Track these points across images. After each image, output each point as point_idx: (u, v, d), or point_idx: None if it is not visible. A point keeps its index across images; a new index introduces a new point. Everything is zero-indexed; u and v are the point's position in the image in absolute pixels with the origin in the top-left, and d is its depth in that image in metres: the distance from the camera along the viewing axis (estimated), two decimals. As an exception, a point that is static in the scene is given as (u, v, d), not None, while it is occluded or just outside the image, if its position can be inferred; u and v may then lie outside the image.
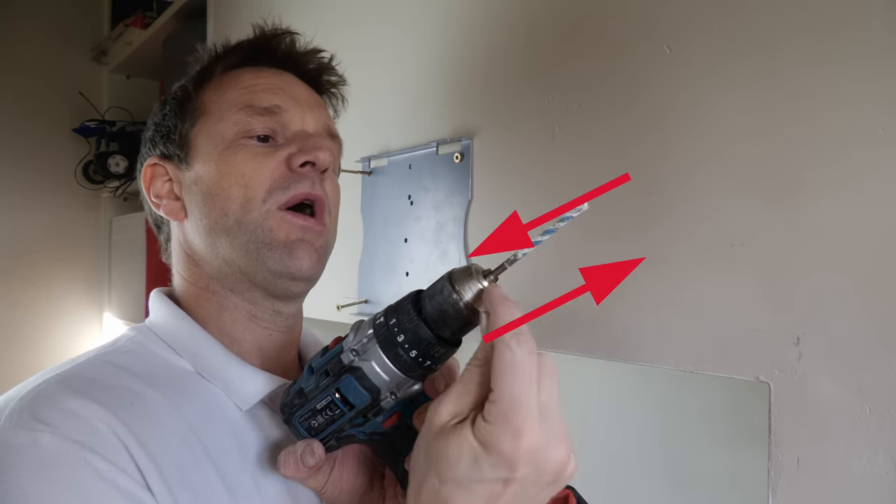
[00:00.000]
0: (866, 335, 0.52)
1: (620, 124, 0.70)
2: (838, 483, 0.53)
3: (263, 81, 0.65)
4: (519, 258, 0.45)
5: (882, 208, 0.51)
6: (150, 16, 2.07)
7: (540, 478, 0.40)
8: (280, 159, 0.62)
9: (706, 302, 0.62)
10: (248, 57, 0.68)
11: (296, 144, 0.62)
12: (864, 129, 0.52)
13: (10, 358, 2.19)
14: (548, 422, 0.40)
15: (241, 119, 0.62)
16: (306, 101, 0.66)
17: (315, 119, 0.66)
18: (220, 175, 0.62)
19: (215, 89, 0.66)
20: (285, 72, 0.68)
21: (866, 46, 0.52)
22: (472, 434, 0.40)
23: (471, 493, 0.40)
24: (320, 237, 0.63)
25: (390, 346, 0.46)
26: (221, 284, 0.63)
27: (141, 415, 0.53)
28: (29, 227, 2.28)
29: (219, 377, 0.60)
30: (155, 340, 0.62)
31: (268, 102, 0.63)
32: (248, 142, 0.62)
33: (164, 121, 0.68)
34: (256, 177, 0.61)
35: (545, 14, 0.78)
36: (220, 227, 0.61)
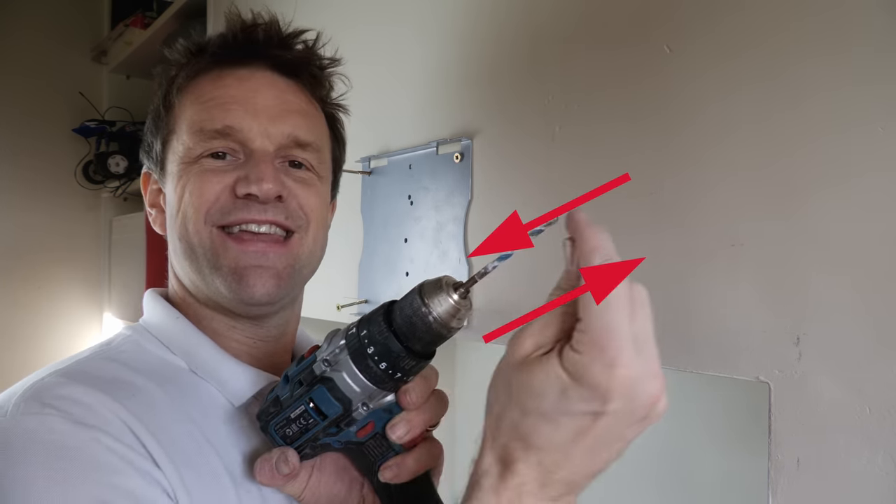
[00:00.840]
0: (866, 335, 0.51)
1: (620, 124, 0.70)
2: (838, 483, 0.52)
3: (221, 94, 0.61)
4: (489, 271, 0.44)
5: (882, 208, 0.51)
6: (150, 16, 2.07)
7: (632, 413, 0.37)
8: (227, 183, 0.59)
9: (706, 302, 0.61)
10: (217, 58, 0.63)
11: (245, 169, 0.59)
12: (865, 129, 0.52)
13: (10, 358, 2.19)
14: (642, 353, 0.38)
15: (193, 144, 0.60)
16: (270, 110, 0.61)
17: (279, 131, 0.61)
18: (175, 197, 0.61)
19: (179, 103, 0.63)
20: (257, 69, 0.63)
21: (866, 46, 0.52)
22: (560, 364, 0.37)
23: (556, 426, 0.37)
24: (282, 257, 0.60)
25: (361, 358, 0.46)
26: (196, 300, 0.64)
27: (143, 404, 0.54)
28: (29, 227, 2.28)
29: (211, 374, 0.60)
30: (149, 339, 0.62)
31: (219, 124, 0.59)
32: (203, 161, 0.60)
33: (147, 135, 0.67)
34: (199, 197, 0.59)
35: (545, 14, 0.78)
36: (181, 249, 0.61)
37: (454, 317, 0.45)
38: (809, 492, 0.54)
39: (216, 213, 0.59)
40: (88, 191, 2.33)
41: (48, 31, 2.33)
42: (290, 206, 0.61)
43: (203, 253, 0.59)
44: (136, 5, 2.16)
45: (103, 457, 0.48)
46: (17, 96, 2.26)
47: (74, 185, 2.29)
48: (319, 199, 0.64)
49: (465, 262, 0.86)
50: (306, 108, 0.65)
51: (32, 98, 2.29)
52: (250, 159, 0.60)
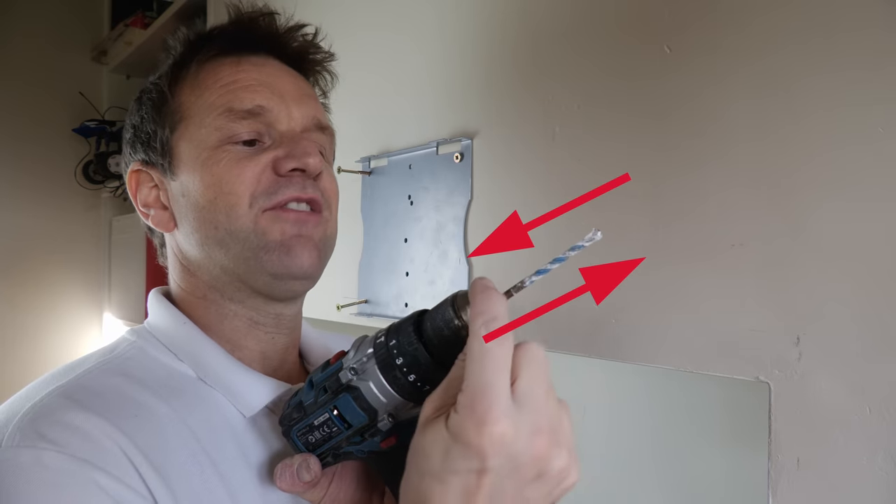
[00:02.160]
0: (866, 335, 0.52)
1: (620, 124, 0.70)
2: (838, 483, 0.52)
3: (243, 77, 0.61)
4: (526, 285, 0.42)
5: (882, 208, 0.51)
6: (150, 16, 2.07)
7: (518, 471, 0.37)
8: (266, 163, 0.58)
9: (706, 302, 0.62)
10: (225, 46, 0.62)
11: (283, 148, 0.59)
12: (864, 129, 0.52)
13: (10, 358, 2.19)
14: (525, 410, 0.37)
15: (222, 125, 0.59)
16: (292, 93, 0.62)
17: (303, 113, 0.62)
18: (204, 186, 0.59)
19: (192, 89, 0.61)
20: (267, 58, 0.63)
21: (866, 46, 0.52)
22: (445, 425, 0.38)
23: (446, 485, 0.38)
24: (318, 228, 0.61)
25: (389, 369, 0.45)
26: (220, 294, 0.62)
27: (145, 427, 0.52)
28: (29, 226, 2.28)
29: (221, 384, 0.59)
30: (155, 345, 0.61)
31: (250, 104, 0.59)
32: (231, 147, 0.59)
33: (143, 124, 0.63)
34: (240, 182, 0.58)
35: (545, 15, 0.78)
36: (212, 239, 0.59)
37: None
38: (809, 492, 0.54)
39: (261, 196, 0.58)
40: (88, 191, 2.33)
41: (48, 32, 2.33)
42: (321, 185, 0.61)
43: (245, 238, 0.58)
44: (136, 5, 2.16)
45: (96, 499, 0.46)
46: (17, 96, 2.26)
47: (74, 185, 2.29)
48: (336, 185, 0.65)
49: (465, 262, 0.87)
50: (315, 95, 0.66)
51: (32, 98, 2.29)
52: (282, 141, 0.59)
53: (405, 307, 0.96)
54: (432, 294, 0.91)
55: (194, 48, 0.63)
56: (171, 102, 0.62)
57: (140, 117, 0.64)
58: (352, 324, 1.08)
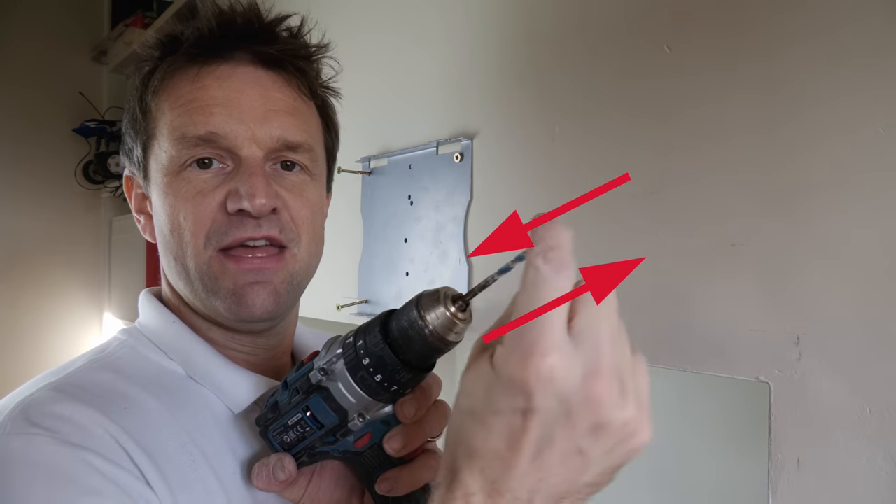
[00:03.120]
0: (866, 335, 0.51)
1: (620, 124, 0.70)
2: (838, 483, 0.52)
3: (201, 95, 0.56)
4: (489, 283, 0.42)
5: (882, 208, 0.51)
6: (150, 16, 2.07)
7: (570, 417, 0.33)
8: (219, 200, 0.55)
9: (706, 302, 0.61)
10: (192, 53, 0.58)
11: (235, 181, 0.55)
12: (865, 129, 0.52)
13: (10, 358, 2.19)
14: (583, 347, 0.33)
15: (177, 152, 0.56)
16: (256, 112, 0.56)
17: (267, 134, 0.56)
18: (165, 215, 0.57)
19: (157, 105, 0.58)
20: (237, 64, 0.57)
21: (866, 47, 0.52)
22: (489, 360, 0.34)
23: (489, 428, 0.34)
24: (280, 271, 0.57)
25: (356, 369, 0.45)
26: (193, 311, 0.61)
27: (136, 419, 0.52)
28: (29, 227, 2.28)
29: (210, 380, 0.59)
30: (146, 344, 0.61)
31: (202, 129, 0.55)
32: (189, 174, 0.56)
33: (125, 136, 0.62)
34: (194, 221, 0.55)
35: (545, 15, 0.78)
36: (175, 269, 0.58)
37: (451, 330, 0.43)
38: (809, 492, 0.54)
39: (214, 236, 0.55)
40: (88, 191, 2.33)
41: (48, 32, 2.33)
42: (283, 219, 0.57)
43: (199, 277, 0.56)
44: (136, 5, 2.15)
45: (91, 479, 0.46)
46: (18, 96, 2.26)
47: (74, 185, 2.29)
48: (311, 207, 0.61)
49: (465, 262, 0.87)
50: (294, 105, 0.60)
51: (32, 98, 2.29)
52: (239, 168, 0.56)
53: (405, 307, 0.96)
54: (432, 294, 0.91)
55: (161, 54, 0.59)
56: (142, 120, 0.59)
57: (124, 129, 0.63)
58: (352, 324, 1.08)
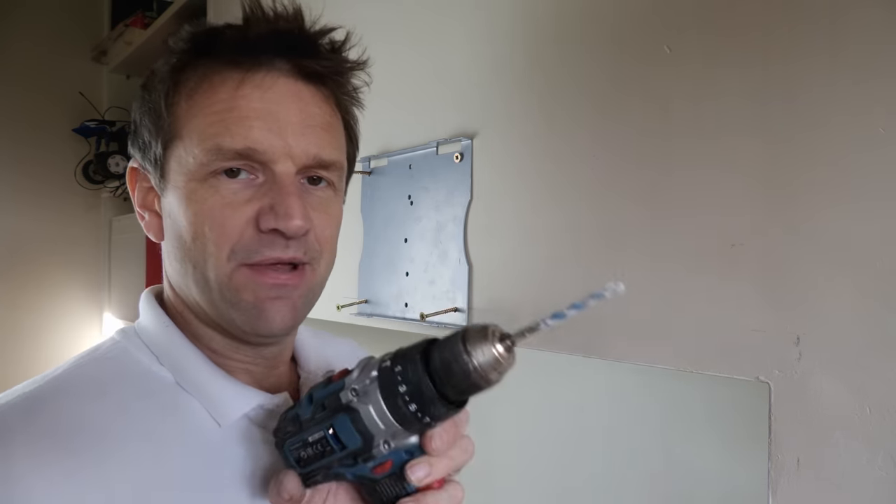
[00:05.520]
0: (866, 335, 0.51)
1: (620, 124, 0.70)
2: (838, 483, 0.52)
3: (242, 105, 0.54)
4: (541, 329, 0.40)
5: (882, 208, 0.51)
6: (150, 16, 2.07)
7: None
8: (250, 216, 0.54)
9: (706, 302, 0.61)
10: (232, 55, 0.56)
11: (270, 197, 0.54)
12: (865, 129, 0.52)
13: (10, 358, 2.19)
14: None
15: (210, 161, 0.54)
16: (295, 125, 0.55)
17: (306, 147, 0.55)
18: (187, 221, 0.55)
19: (188, 107, 0.56)
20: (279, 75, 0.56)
21: (867, 46, 0.52)
22: None
23: None
24: (299, 288, 0.57)
25: (391, 395, 0.44)
26: (197, 317, 0.60)
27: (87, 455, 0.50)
28: (29, 226, 2.28)
29: (199, 390, 0.57)
30: (139, 347, 0.59)
31: (240, 144, 0.53)
32: (218, 182, 0.54)
33: (141, 130, 0.59)
34: (221, 234, 0.54)
35: (545, 14, 0.78)
36: (189, 276, 0.56)
37: (495, 369, 0.41)
38: (809, 492, 0.54)
39: (241, 252, 0.54)
40: (88, 191, 2.33)
41: (48, 32, 2.33)
42: (309, 239, 0.57)
43: (219, 288, 0.55)
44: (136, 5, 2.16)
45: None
46: (17, 96, 2.26)
47: (74, 184, 2.29)
48: (334, 224, 0.61)
49: (465, 262, 0.87)
50: (329, 121, 0.59)
51: (33, 98, 2.29)
52: (273, 183, 0.55)
53: (405, 307, 0.96)
54: (432, 294, 0.91)
55: (196, 51, 0.57)
56: (167, 117, 0.57)
57: (140, 119, 0.60)
58: (352, 324, 1.08)
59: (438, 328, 0.90)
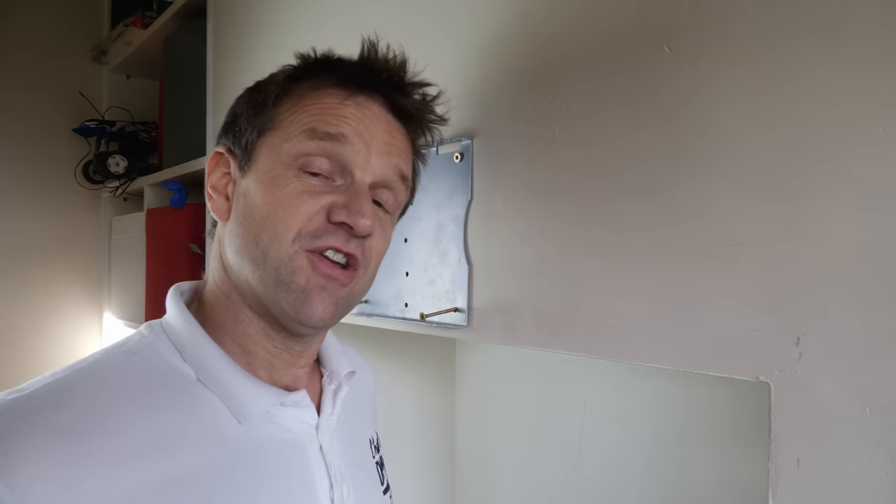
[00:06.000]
0: (866, 335, 0.52)
1: (620, 124, 0.70)
2: (838, 483, 0.53)
3: (340, 109, 0.62)
4: None
5: (882, 208, 0.51)
6: (150, 16, 2.07)
7: None
8: (323, 205, 0.59)
9: (706, 302, 0.62)
10: (342, 79, 0.63)
11: (344, 196, 0.60)
12: (865, 129, 0.52)
13: (10, 358, 2.19)
14: None
15: (301, 141, 0.60)
16: (380, 144, 0.62)
17: (384, 165, 0.62)
18: (264, 202, 0.60)
19: (293, 105, 0.63)
20: (374, 102, 0.64)
21: (866, 46, 0.52)
22: None
23: None
24: (345, 287, 0.61)
25: None
26: (242, 298, 0.63)
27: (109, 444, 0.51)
28: (29, 226, 2.28)
29: (220, 387, 0.59)
30: (165, 342, 0.62)
31: (334, 129, 0.60)
32: (303, 175, 0.60)
33: (240, 119, 0.65)
34: (293, 215, 0.59)
35: (545, 14, 0.78)
36: (248, 252, 0.60)
37: None
38: (809, 492, 0.54)
39: (307, 236, 0.59)
40: (88, 191, 2.33)
41: (48, 31, 2.33)
42: (367, 245, 0.62)
43: (277, 267, 0.59)
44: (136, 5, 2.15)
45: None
46: (17, 96, 2.26)
47: (74, 185, 2.29)
48: (385, 243, 0.66)
49: (465, 262, 0.87)
50: (408, 149, 0.67)
51: (32, 98, 2.28)
52: (350, 187, 0.60)
53: (405, 307, 0.96)
54: (432, 294, 0.91)
55: (314, 69, 0.64)
56: (270, 111, 0.63)
57: (241, 110, 0.65)
58: (352, 324, 1.08)
59: (438, 328, 0.90)
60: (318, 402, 0.69)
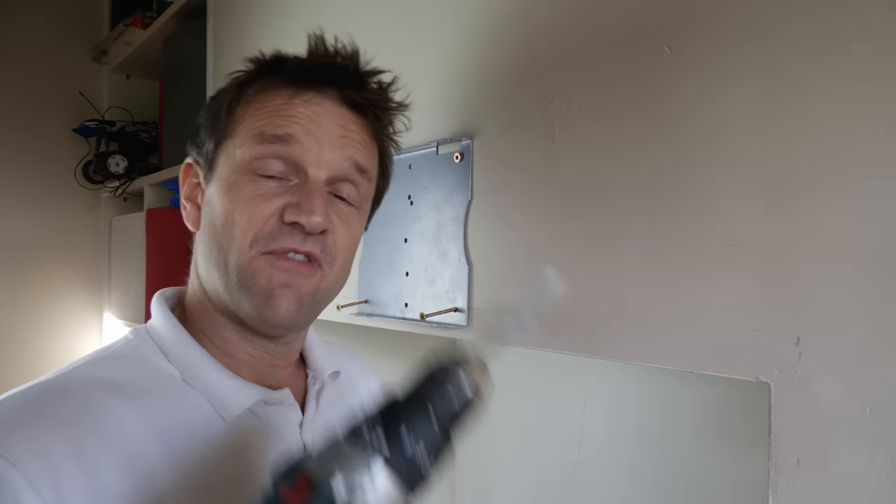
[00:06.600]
0: (866, 335, 0.51)
1: (621, 124, 0.70)
2: (838, 483, 0.52)
3: (288, 108, 0.61)
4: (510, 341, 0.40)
5: (882, 208, 0.51)
6: (150, 16, 2.07)
7: None
8: (276, 207, 0.59)
9: (706, 302, 0.61)
10: (290, 78, 0.63)
11: (297, 195, 0.60)
12: (865, 129, 0.52)
13: (10, 358, 2.19)
14: None
15: (251, 147, 0.60)
16: (332, 137, 0.62)
17: (337, 159, 0.62)
18: (222, 209, 0.61)
19: (244, 111, 0.63)
20: (326, 97, 0.63)
21: (867, 45, 0.52)
22: None
23: None
24: (310, 280, 0.61)
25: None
26: (214, 306, 0.64)
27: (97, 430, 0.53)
28: (29, 226, 2.28)
29: (204, 386, 0.61)
30: (150, 346, 0.63)
31: (281, 131, 0.60)
32: (258, 179, 0.60)
33: (200, 130, 0.66)
34: (248, 219, 0.59)
35: (545, 14, 0.78)
36: (213, 259, 0.62)
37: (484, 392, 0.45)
38: (809, 492, 0.54)
39: (262, 239, 0.59)
40: (88, 191, 2.32)
41: (48, 31, 2.33)
42: (327, 241, 0.62)
43: (237, 272, 0.60)
44: (136, 5, 2.15)
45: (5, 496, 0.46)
46: (17, 96, 2.26)
47: (74, 185, 2.29)
48: (353, 237, 0.66)
49: (465, 262, 0.87)
50: (367, 141, 0.66)
51: (32, 98, 2.28)
52: (303, 186, 0.60)
53: (405, 307, 0.96)
54: (432, 294, 0.91)
55: (262, 71, 0.64)
56: (224, 120, 0.64)
57: (202, 121, 0.67)
58: (352, 324, 1.08)
59: (438, 328, 0.90)
60: (303, 401, 0.70)
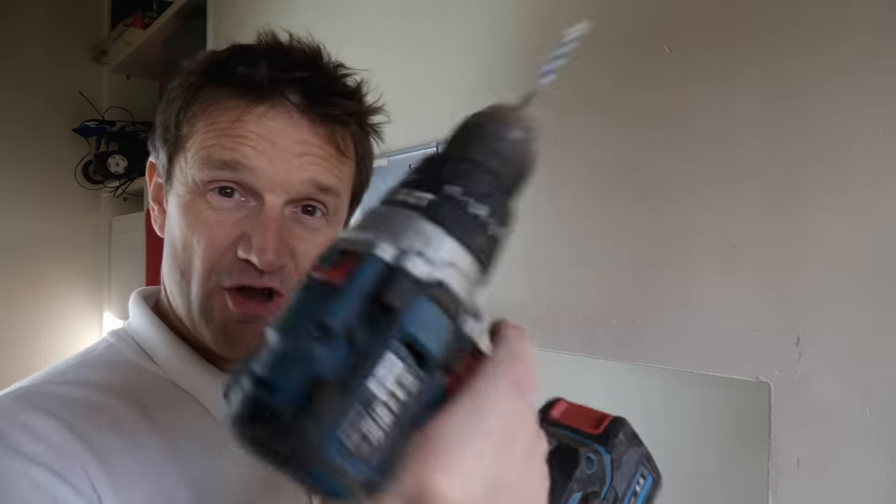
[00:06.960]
0: (866, 335, 0.51)
1: (621, 124, 0.70)
2: (838, 483, 0.52)
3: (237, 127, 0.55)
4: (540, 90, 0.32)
5: (882, 208, 0.51)
6: (150, 16, 2.07)
7: None
8: (232, 239, 0.55)
9: (707, 302, 0.61)
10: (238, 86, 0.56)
11: (251, 227, 0.54)
12: (865, 129, 0.52)
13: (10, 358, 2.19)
14: None
15: (200, 171, 0.55)
16: (290, 155, 0.55)
17: (295, 182, 0.55)
18: (180, 230, 0.57)
19: (192, 123, 0.57)
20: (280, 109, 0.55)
21: (866, 47, 0.52)
22: None
23: None
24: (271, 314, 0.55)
25: None
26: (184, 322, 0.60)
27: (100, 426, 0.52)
28: (29, 226, 2.28)
29: (192, 385, 0.59)
30: (132, 347, 0.60)
31: (228, 155, 0.54)
32: (211, 198, 0.55)
33: (155, 137, 0.62)
34: (206, 248, 0.55)
35: (544, 14, 0.78)
36: (176, 283, 0.58)
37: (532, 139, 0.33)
38: (809, 492, 0.54)
39: (220, 272, 0.55)
40: (88, 191, 2.32)
41: (48, 31, 2.33)
42: (286, 272, 0.56)
43: (198, 303, 0.56)
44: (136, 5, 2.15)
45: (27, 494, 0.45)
46: (17, 96, 2.26)
47: (74, 184, 2.29)
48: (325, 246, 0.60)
49: (465, 262, 0.86)
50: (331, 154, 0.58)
51: (32, 98, 2.28)
52: (259, 214, 0.55)
53: (405, 307, 0.96)
54: (432, 294, 0.91)
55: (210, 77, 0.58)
56: (174, 131, 0.58)
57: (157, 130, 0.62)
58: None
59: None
60: None
